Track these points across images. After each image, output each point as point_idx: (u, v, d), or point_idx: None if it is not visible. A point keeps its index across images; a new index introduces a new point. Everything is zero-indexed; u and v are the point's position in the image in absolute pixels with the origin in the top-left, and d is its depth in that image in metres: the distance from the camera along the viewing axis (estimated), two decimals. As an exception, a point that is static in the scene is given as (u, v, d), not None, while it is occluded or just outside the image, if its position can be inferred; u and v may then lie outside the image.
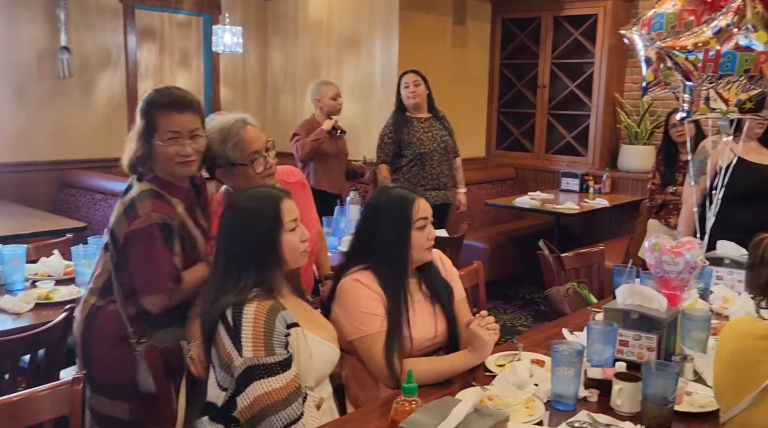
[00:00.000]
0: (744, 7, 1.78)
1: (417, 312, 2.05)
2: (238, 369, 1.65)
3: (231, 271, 1.78)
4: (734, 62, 1.76)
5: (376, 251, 2.03)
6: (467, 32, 6.08)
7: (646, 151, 5.61)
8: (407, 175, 4.18)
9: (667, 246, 2.18)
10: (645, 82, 2.33)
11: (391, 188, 2.13)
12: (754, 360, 1.47)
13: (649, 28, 2.28)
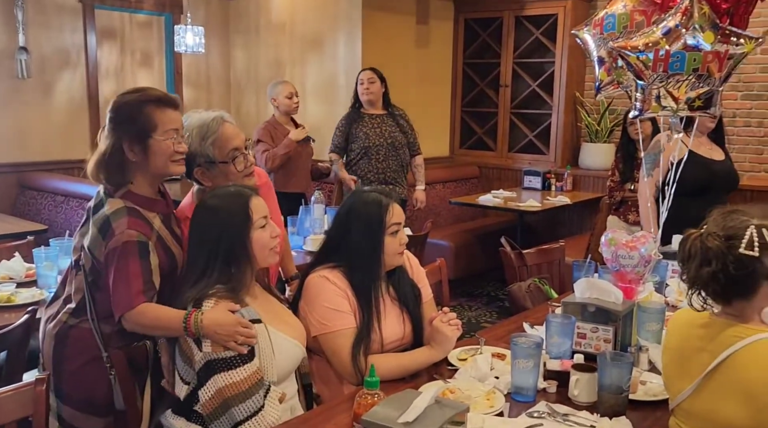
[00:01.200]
0: (691, 8, 1.85)
1: (386, 315, 2.07)
2: (198, 363, 1.69)
3: (197, 267, 1.81)
4: (683, 62, 1.82)
5: (348, 254, 2.05)
6: (430, 32, 6.14)
7: (606, 149, 5.73)
8: (354, 167, 4.34)
9: (623, 241, 2.25)
10: (598, 82, 2.39)
11: (366, 192, 2.13)
12: (696, 348, 1.53)
13: (601, 28, 2.35)
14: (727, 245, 1.45)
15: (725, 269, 1.44)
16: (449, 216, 5.95)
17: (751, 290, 1.46)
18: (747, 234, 1.43)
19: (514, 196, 5.43)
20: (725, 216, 1.50)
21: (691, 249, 1.49)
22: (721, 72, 1.82)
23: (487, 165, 6.43)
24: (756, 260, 1.43)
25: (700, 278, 1.48)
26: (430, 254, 4.65)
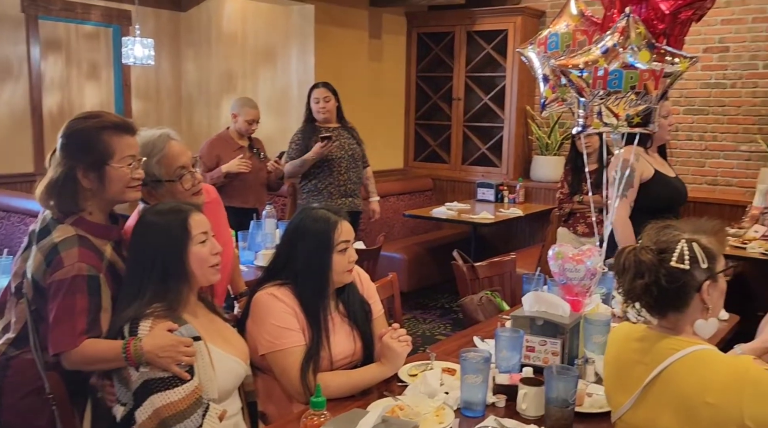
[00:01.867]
0: (628, 29, 1.90)
1: (335, 332, 2.06)
2: (135, 383, 1.66)
3: (134, 285, 1.78)
4: (621, 79, 1.87)
5: (297, 271, 2.03)
6: (383, 46, 6.17)
7: (556, 161, 5.82)
8: (315, 180, 4.26)
9: (569, 254, 2.28)
10: (543, 99, 2.44)
11: (314, 209, 2.11)
12: (633, 362, 1.56)
13: (545, 47, 2.40)
14: (659, 259, 1.49)
15: (657, 282, 1.48)
16: (403, 229, 5.96)
17: (683, 303, 1.50)
18: (678, 248, 1.47)
19: (468, 208, 5.47)
20: (658, 231, 1.54)
21: (626, 262, 1.53)
22: (658, 89, 1.88)
23: (440, 178, 6.47)
24: (686, 273, 1.47)
25: (634, 290, 1.52)
26: (383, 267, 4.65)
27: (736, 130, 5.30)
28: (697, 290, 1.49)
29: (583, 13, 2.62)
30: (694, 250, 1.48)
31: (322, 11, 5.44)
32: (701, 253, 1.48)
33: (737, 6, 5.19)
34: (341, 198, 4.28)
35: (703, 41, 5.31)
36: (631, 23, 1.92)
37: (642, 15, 2.33)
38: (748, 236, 4.10)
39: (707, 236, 1.52)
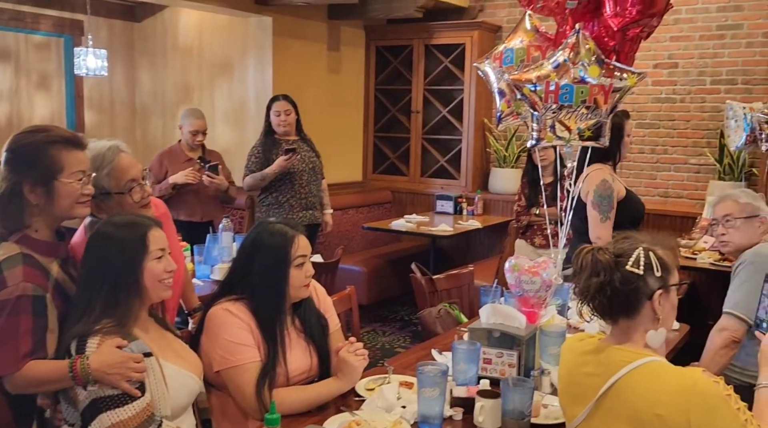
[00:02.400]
0: (578, 45, 1.94)
1: (291, 348, 2.03)
2: (83, 402, 1.61)
3: (84, 299, 1.73)
4: (572, 94, 1.92)
5: (252, 286, 2.00)
6: (342, 58, 6.17)
7: (513, 174, 5.89)
8: (276, 193, 4.23)
9: (525, 266, 2.30)
10: (499, 113, 2.47)
11: (271, 223, 2.09)
12: (586, 374, 1.58)
13: (500, 62, 2.43)
14: (615, 261, 1.53)
15: (611, 282, 1.52)
16: (362, 241, 5.95)
17: (634, 309, 1.53)
18: (635, 254, 1.51)
19: (427, 220, 5.49)
20: (618, 240, 1.59)
21: (583, 261, 1.57)
22: (607, 104, 1.92)
23: (399, 190, 6.49)
24: (640, 278, 1.51)
25: (589, 288, 1.55)
26: (342, 280, 4.62)
27: (685, 143, 5.45)
28: (648, 298, 1.53)
29: (538, 29, 2.67)
30: (650, 258, 1.52)
31: (280, 23, 5.42)
32: (656, 262, 1.52)
33: (685, 24, 5.34)
34: (302, 211, 4.26)
35: (654, 57, 5.46)
36: (581, 39, 1.96)
37: (594, 32, 2.38)
38: (698, 247, 4.21)
39: (663, 249, 1.57)
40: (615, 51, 2.38)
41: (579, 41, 1.96)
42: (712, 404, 1.40)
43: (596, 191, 3.06)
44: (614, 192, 3.09)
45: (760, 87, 5.07)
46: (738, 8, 5.17)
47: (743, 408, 1.42)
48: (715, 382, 1.42)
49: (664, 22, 5.60)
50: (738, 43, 5.19)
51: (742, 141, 4.40)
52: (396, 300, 5.66)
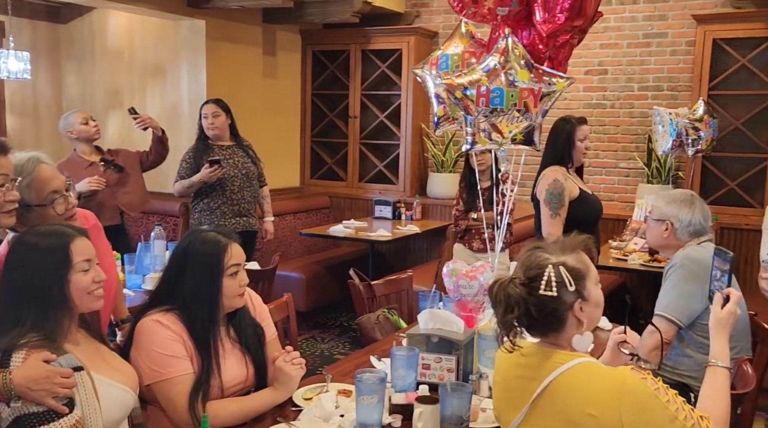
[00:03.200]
0: (507, 49, 1.97)
1: (226, 358, 1.97)
2: (5, 420, 1.52)
3: (9, 314, 1.64)
4: (502, 97, 1.94)
5: (184, 296, 1.94)
6: (278, 63, 6.10)
7: (452, 178, 5.94)
8: (207, 199, 4.12)
9: (463, 271, 2.30)
10: (436, 118, 2.48)
11: (204, 232, 2.03)
12: (520, 378, 1.59)
13: (436, 67, 2.44)
14: (527, 290, 1.54)
15: (528, 313, 1.54)
16: (300, 248, 5.89)
17: (559, 325, 1.56)
18: (545, 275, 1.52)
19: (365, 226, 5.47)
20: (529, 255, 1.60)
21: (497, 297, 1.57)
22: (537, 108, 1.94)
23: (338, 195, 6.46)
24: (555, 299, 1.53)
25: (507, 323, 1.55)
26: (280, 287, 4.55)
27: (615, 148, 5.61)
28: (569, 310, 1.54)
29: (473, 35, 2.69)
30: (561, 274, 1.53)
31: (214, 27, 5.32)
32: (567, 276, 1.54)
33: (613, 32, 5.51)
34: (235, 218, 4.16)
35: (585, 64, 5.60)
36: (510, 44, 1.99)
37: (528, 39, 2.41)
38: (628, 249, 4.33)
39: (574, 254, 1.58)
40: (549, 58, 2.42)
41: (509, 46, 1.98)
42: (641, 401, 1.43)
43: (548, 190, 3.33)
44: (565, 191, 3.31)
45: (684, 93, 5.26)
46: (662, 17, 5.36)
47: (672, 398, 1.46)
48: (643, 378, 1.46)
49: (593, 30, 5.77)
50: (663, 51, 5.38)
51: (668, 146, 4.56)
52: (335, 307, 5.61)
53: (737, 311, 1.72)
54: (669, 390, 1.48)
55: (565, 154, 3.45)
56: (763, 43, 4.86)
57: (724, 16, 5.00)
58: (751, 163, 5.03)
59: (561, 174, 3.39)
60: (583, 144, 3.51)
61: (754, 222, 4.91)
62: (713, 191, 5.15)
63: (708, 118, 4.54)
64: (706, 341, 2.54)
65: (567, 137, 3.46)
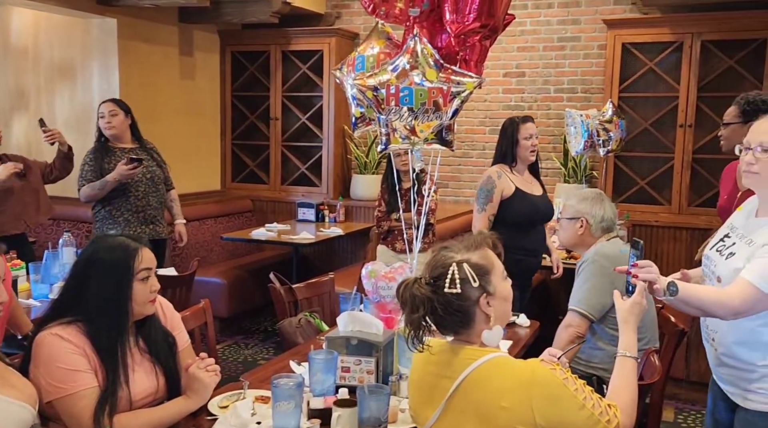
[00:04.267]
0: (416, 49, 1.98)
1: (135, 370, 1.90)
2: None
3: None
4: (411, 97, 1.95)
5: (90, 306, 1.85)
6: (195, 64, 5.96)
7: (374, 180, 5.94)
8: (109, 207, 3.90)
9: (382, 272, 2.30)
10: (354, 119, 2.47)
11: (110, 237, 1.95)
12: (435, 375, 1.61)
13: (353, 68, 2.43)
14: (432, 289, 1.57)
15: (435, 312, 1.56)
16: (223, 252, 5.76)
17: (467, 320, 1.58)
18: (449, 273, 1.55)
19: (289, 229, 5.40)
20: (435, 255, 1.63)
21: (403, 297, 1.59)
22: (447, 107, 1.96)
23: (260, 198, 6.36)
24: (460, 296, 1.56)
25: (414, 322, 1.57)
26: (201, 293, 4.40)
27: (534, 148, 5.74)
28: (475, 305, 1.57)
29: (389, 37, 2.70)
30: (464, 271, 1.57)
31: (126, 26, 5.14)
32: (471, 273, 1.57)
33: (530, 35, 5.65)
34: (140, 226, 3.95)
35: (503, 66, 5.72)
36: (418, 43, 2.00)
37: (446, 41, 2.43)
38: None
39: (479, 251, 1.61)
40: (465, 60, 2.45)
41: (417, 46, 2.00)
42: (551, 391, 1.47)
43: (479, 186, 3.54)
44: (495, 188, 3.50)
45: (597, 95, 5.44)
46: (575, 22, 5.53)
47: (581, 387, 1.51)
48: (552, 369, 1.50)
49: (511, 33, 5.89)
50: (577, 54, 5.56)
51: (581, 146, 4.70)
52: (259, 311, 5.52)
53: (642, 300, 1.76)
54: (578, 379, 1.53)
55: (509, 152, 3.62)
56: (669, 47, 5.08)
57: (632, 21, 5.21)
58: (659, 162, 5.26)
59: (496, 172, 3.57)
60: (529, 142, 3.63)
61: (663, 219, 5.14)
62: (625, 189, 5.36)
63: (617, 119, 4.71)
64: (617, 333, 2.63)
65: (511, 136, 3.63)
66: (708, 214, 4.84)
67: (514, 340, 2.73)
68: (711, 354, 2.07)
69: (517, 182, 3.61)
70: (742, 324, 1.88)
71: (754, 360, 1.90)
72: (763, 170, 1.83)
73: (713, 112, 4.96)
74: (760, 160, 1.83)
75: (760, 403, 1.93)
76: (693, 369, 3.94)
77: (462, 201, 5.99)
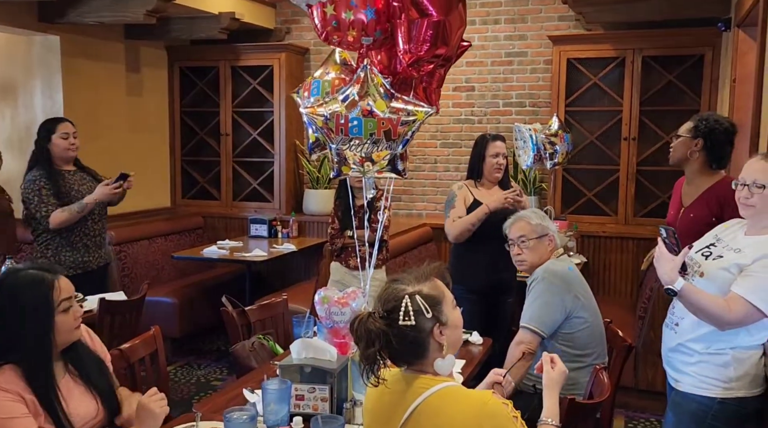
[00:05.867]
0: (366, 79, 2.00)
1: (72, 397, 1.87)
2: None
3: None
4: (360, 127, 1.96)
5: (12, 348, 1.80)
6: (143, 80, 5.86)
7: (327, 194, 5.93)
8: (65, 233, 3.69)
9: (335, 298, 2.30)
10: (310, 143, 2.47)
11: (21, 271, 1.89)
12: (389, 404, 1.63)
13: (309, 92, 2.43)
14: (387, 323, 1.58)
15: (389, 345, 1.58)
16: (173, 271, 5.65)
17: (421, 351, 1.60)
18: (402, 305, 1.57)
19: (241, 245, 5.35)
20: (386, 288, 1.64)
21: (358, 332, 1.60)
22: (397, 137, 1.98)
23: (212, 215, 6.28)
24: (414, 327, 1.58)
25: (369, 357, 1.58)
26: (151, 314, 4.35)
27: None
28: (429, 335, 1.59)
29: (346, 62, 2.71)
30: (417, 303, 1.59)
31: (70, 43, 5.02)
32: (424, 304, 1.59)
33: (478, 50, 5.73)
34: (97, 250, 3.82)
35: (453, 81, 5.79)
36: (368, 73, 2.01)
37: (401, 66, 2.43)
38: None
39: (429, 282, 1.63)
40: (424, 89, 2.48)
41: (367, 76, 2.01)
42: (500, 422, 1.51)
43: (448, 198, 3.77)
44: (455, 197, 3.72)
45: (545, 109, 5.56)
46: (522, 37, 5.64)
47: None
48: (504, 404, 1.53)
49: (459, 49, 5.91)
50: (524, 69, 5.67)
51: (530, 160, 4.79)
52: (212, 331, 5.43)
53: (566, 370, 1.91)
54: (524, 424, 1.57)
55: (476, 167, 3.79)
56: (611, 62, 5.23)
57: (576, 37, 5.34)
58: (605, 174, 5.39)
59: (457, 184, 3.79)
60: (495, 160, 3.69)
61: (610, 229, 5.27)
62: (573, 201, 5.47)
63: (562, 132, 4.82)
64: (568, 349, 2.71)
65: (479, 152, 3.79)
66: (653, 224, 4.98)
67: (467, 359, 2.76)
68: (669, 338, 2.31)
69: (478, 194, 3.67)
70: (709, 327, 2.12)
71: (698, 348, 2.18)
72: (758, 203, 2.10)
73: (655, 125, 5.13)
74: (755, 194, 2.10)
75: (688, 385, 2.21)
76: (642, 377, 4.04)
77: (414, 215, 6.03)
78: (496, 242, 3.70)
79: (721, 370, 2.14)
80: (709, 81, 4.99)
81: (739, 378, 2.13)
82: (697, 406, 2.20)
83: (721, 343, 2.14)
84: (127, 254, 5.21)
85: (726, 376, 2.14)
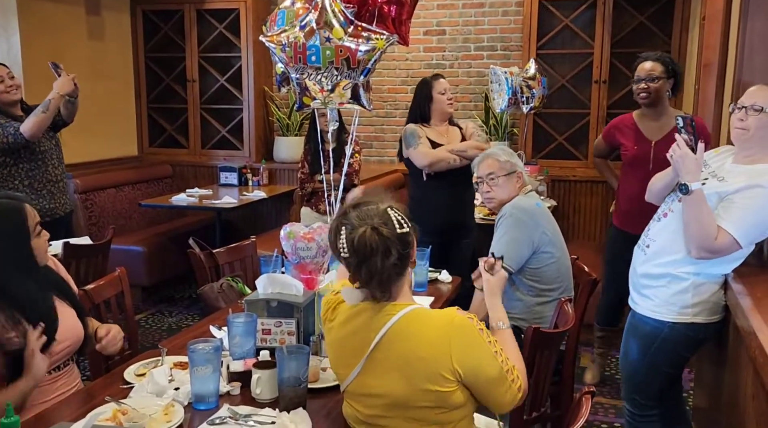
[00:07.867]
0: (324, 5, 1.94)
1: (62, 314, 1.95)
2: None
3: None
4: (318, 54, 1.90)
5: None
6: (104, 24, 5.67)
7: (297, 142, 5.86)
8: (28, 180, 3.60)
9: (300, 233, 2.27)
10: (278, 77, 2.41)
11: None
12: (353, 335, 1.61)
13: (274, 24, 2.36)
14: (389, 231, 1.53)
15: (399, 251, 1.54)
16: (142, 220, 5.58)
17: (405, 267, 1.58)
18: (392, 217, 1.55)
19: (210, 193, 5.29)
20: (361, 210, 1.57)
21: (369, 242, 1.51)
22: (356, 65, 1.93)
23: (180, 163, 6.18)
24: (408, 234, 1.56)
25: (384, 270, 1.53)
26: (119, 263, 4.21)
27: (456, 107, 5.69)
28: (411, 248, 1.59)
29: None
30: (400, 213, 1.58)
31: (26, -17, 4.83)
32: (402, 216, 1.59)
33: (449, -8, 5.63)
34: (62, 196, 3.74)
35: (423, 24, 5.69)
36: (326, 1, 1.95)
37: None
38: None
39: (388, 201, 1.62)
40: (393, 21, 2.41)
41: (325, 3, 1.95)
42: (467, 335, 1.52)
43: (403, 134, 3.63)
44: (415, 131, 3.58)
45: (516, 53, 5.51)
46: (494, -21, 5.54)
47: (493, 341, 1.56)
48: (469, 317, 1.54)
49: (429, -10, 5.79)
50: (496, 12, 5.58)
51: (505, 104, 4.75)
52: (182, 279, 5.41)
53: (505, 275, 1.97)
54: (490, 334, 1.57)
55: (424, 111, 3.66)
56: (583, 4, 5.17)
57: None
58: (576, 118, 5.39)
59: (413, 125, 3.66)
60: (445, 96, 3.63)
61: (580, 174, 5.29)
62: (544, 145, 5.48)
63: (539, 76, 4.78)
64: (535, 284, 2.73)
65: (426, 94, 3.65)
66: (622, 168, 5.00)
67: (435, 296, 2.77)
68: (638, 259, 2.33)
69: (432, 135, 3.62)
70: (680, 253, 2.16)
71: (662, 271, 2.20)
72: (752, 127, 2.06)
73: (626, 68, 5.10)
74: (751, 116, 2.06)
75: (644, 308, 2.27)
76: (608, 316, 4.10)
77: (386, 161, 5.99)
78: (455, 182, 3.69)
79: (679, 296, 2.18)
80: (680, 21, 4.97)
81: (695, 304, 2.17)
82: (650, 329, 2.25)
83: (688, 266, 2.15)
84: (93, 203, 5.12)
85: (682, 301, 2.18)
